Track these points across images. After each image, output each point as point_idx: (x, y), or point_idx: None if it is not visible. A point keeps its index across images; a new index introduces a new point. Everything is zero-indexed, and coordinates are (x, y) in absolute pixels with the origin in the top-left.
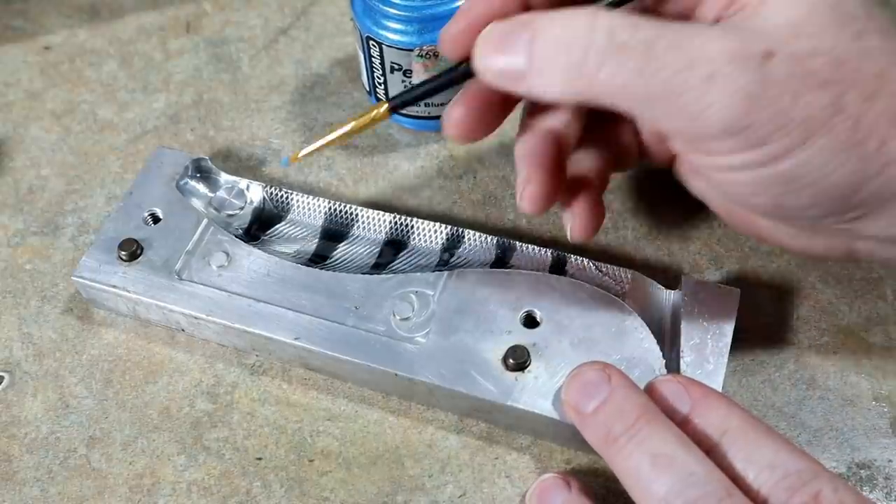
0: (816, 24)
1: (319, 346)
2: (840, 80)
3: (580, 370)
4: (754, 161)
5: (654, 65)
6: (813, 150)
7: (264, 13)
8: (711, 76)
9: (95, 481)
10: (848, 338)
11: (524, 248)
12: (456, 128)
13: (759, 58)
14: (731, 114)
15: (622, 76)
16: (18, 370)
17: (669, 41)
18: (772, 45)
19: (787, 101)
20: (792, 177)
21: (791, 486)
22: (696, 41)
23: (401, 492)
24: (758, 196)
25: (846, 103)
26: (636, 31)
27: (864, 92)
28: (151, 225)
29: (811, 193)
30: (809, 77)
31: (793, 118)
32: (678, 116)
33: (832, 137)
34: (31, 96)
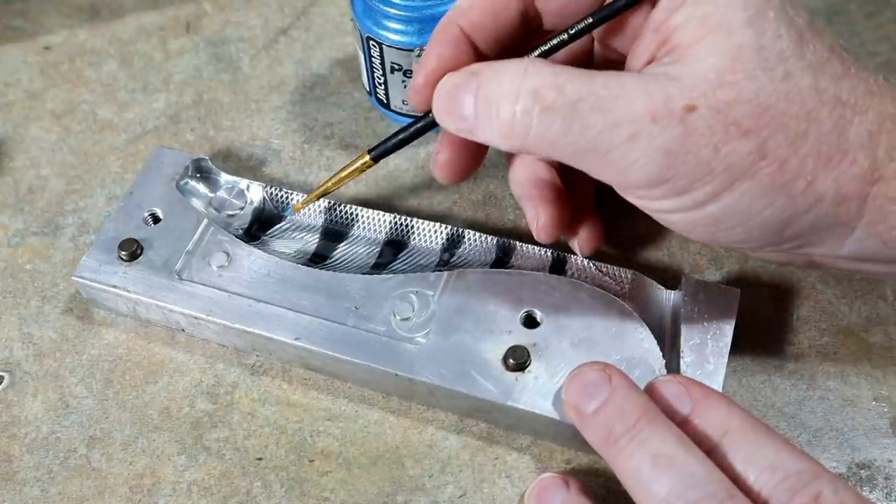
0: (741, 71)
1: (319, 347)
2: (764, 125)
3: (580, 370)
4: (681, 206)
5: (579, 126)
6: (737, 195)
7: (264, 13)
8: (634, 136)
9: (95, 481)
10: (848, 338)
11: (524, 248)
12: (443, 171)
13: (681, 113)
14: (653, 169)
15: (550, 136)
16: (18, 370)
17: (594, 102)
18: (694, 99)
19: (708, 152)
20: (720, 218)
21: (791, 488)
22: (619, 102)
23: (401, 492)
24: (693, 233)
25: (770, 148)
26: (561, 92)
27: (790, 135)
28: (151, 225)
29: (742, 231)
30: (732, 126)
31: (713, 168)
32: (607, 171)
33: (756, 181)
34: (31, 96)
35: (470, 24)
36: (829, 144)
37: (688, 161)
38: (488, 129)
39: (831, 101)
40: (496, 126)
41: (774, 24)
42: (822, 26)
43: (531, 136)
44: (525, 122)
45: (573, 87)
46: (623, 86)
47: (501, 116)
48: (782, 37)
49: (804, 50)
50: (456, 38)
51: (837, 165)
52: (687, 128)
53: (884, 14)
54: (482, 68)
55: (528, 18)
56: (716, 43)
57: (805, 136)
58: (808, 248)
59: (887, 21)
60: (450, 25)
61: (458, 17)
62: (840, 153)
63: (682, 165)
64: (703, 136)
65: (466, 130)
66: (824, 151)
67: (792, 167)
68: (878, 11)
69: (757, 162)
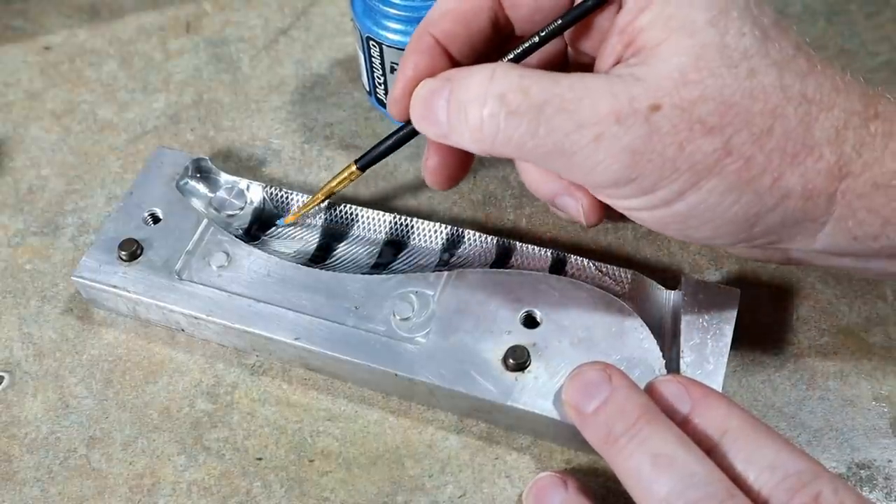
0: (704, 69)
1: (319, 347)
2: (728, 123)
3: (581, 370)
4: (649, 204)
5: (545, 129)
6: (703, 192)
7: (264, 13)
8: (599, 136)
9: (95, 481)
10: (848, 338)
11: (524, 248)
12: (433, 177)
13: (646, 112)
14: (619, 169)
15: (517, 139)
16: (18, 370)
17: (559, 104)
18: (658, 98)
19: (673, 151)
20: (688, 215)
21: (791, 488)
22: (584, 103)
23: (401, 492)
24: (664, 229)
25: (735, 145)
26: (526, 96)
27: (755, 131)
28: (151, 225)
29: (711, 227)
30: (696, 124)
31: (679, 166)
32: (575, 172)
33: (722, 178)
34: (31, 96)
35: (442, 32)
36: (795, 141)
37: (653, 160)
38: (459, 133)
39: (797, 98)
40: (466, 130)
41: (738, 23)
42: (787, 24)
43: (499, 140)
44: (492, 125)
45: (538, 90)
46: (588, 87)
47: (470, 120)
48: (746, 35)
49: (769, 48)
50: (430, 47)
51: (804, 161)
52: (651, 127)
53: (884, 14)
54: (454, 74)
55: (499, 26)
56: (679, 43)
57: (770, 132)
58: (781, 244)
59: (887, 21)
60: (423, 35)
61: (431, 26)
62: (806, 149)
63: (648, 164)
64: (668, 135)
65: (442, 135)
66: (790, 148)
67: (758, 163)
68: (878, 11)
69: (722, 159)
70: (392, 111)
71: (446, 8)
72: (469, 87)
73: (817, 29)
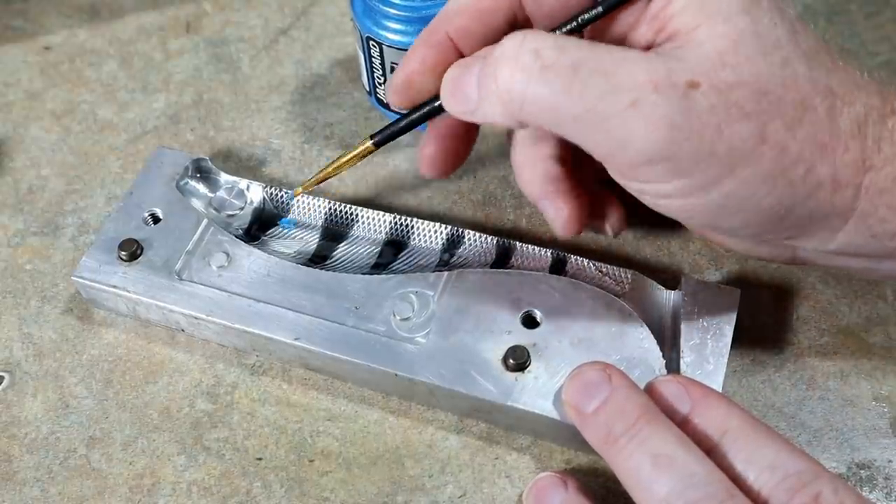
0: (742, 54)
1: (319, 347)
2: (763, 110)
3: (580, 370)
4: (682, 190)
5: (579, 87)
6: (739, 180)
7: (264, 13)
8: (635, 103)
9: (95, 481)
10: (848, 338)
11: (524, 248)
12: (430, 165)
13: (684, 87)
14: (655, 143)
15: (548, 97)
16: (18, 370)
17: (595, 65)
18: (697, 76)
19: (710, 132)
20: (722, 204)
21: (791, 488)
22: (621, 67)
23: (401, 492)
24: (692, 219)
25: (770, 133)
26: (562, 53)
27: (788, 121)
28: (151, 225)
29: (743, 217)
30: (733, 108)
31: (716, 150)
32: (605, 142)
33: (758, 167)
34: (31, 96)
35: (457, 30)
36: (824, 131)
37: (691, 139)
38: (488, 101)
39: (823, 90)
40: (495, 95)
41: (770, 13)
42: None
43: (528, 99)
44: (523, 81)
45: (575, 49)
46: (626, 55)
47: (500, 81)
48: (777, 25)
49: (798, 40)
50: (441, 43)
51: (833, 152)
52: (690, 103)
53: (884, 14)
54: (488, 50)
55: (516, 24)
56: (714, 28)
57: (801, 122)
58: (798, 241)
59: (887, 21)
60: (437, 30)
61: (446, 22)
62: (834, 139)
63: (685, 143)
64: (706, 114)
65: (469, 112)
66: (820, 138)
67: (791, 153)
68: (878, 11)
69: (758, 146)
70: (391, 98)
71: (464, 4)
72: (503, 49)
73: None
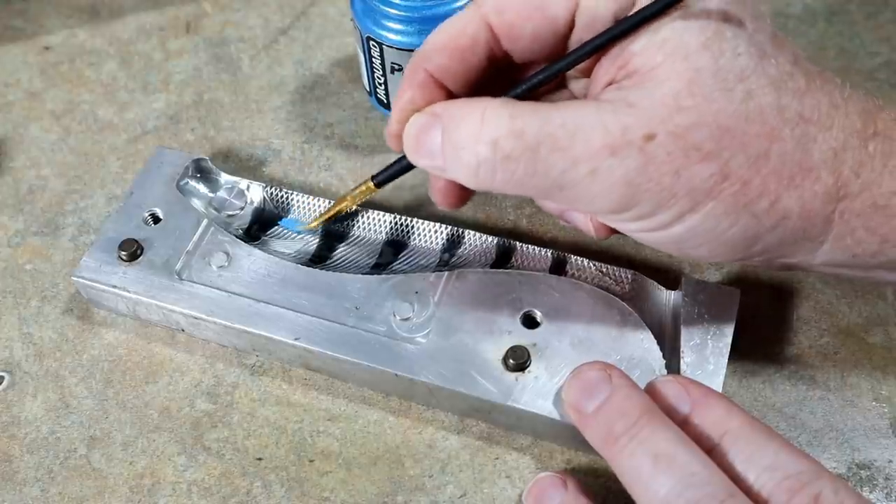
0: (699, 94)
1: (320, 347)
2: (724, 147)
3: (581, 370)
4: (648, 228)
5: (541, 168)
6: (700, 216)
7: (264, 13)
8: (594, 171)
9: (95, 481)
10: (848, 338)
11: (524, 248)
12: (441, 197)
13: (640, 143)
14: (616, 199)
15: (515, 180)
16: (19, 370)
17: (552, 144)
18: (653, 126)
19: (669, 178)
20: (686, 237)
21: (791, 488)
22: (577, 138)
23: (401, 492)
24: (664, 248)
25: (732, 169)
26: (520, 139)
27: (751, 155)
28: (151, 225)
29: (709, 248)
30: (692, 151)
31: (676, 192)
32: (573, 202)
33: (720, 202)
34: (31, 96)
35: (437, 68)
36: (793, 163)
37: (650, 189)
38: (457, 172)
39: (794, 119)
40: (462, 171)
41: (733, 44)
42: (785, 37)
43: (497, 181)
44: (488, 169)
45: (531, 132)
46: (580, 122)
47: (465, 163)
48: (741, 55)
49: (766, 66)
50: (425, 82)
51: (801, 184)
52: (646, 156)
53: (884, 14)
54: (443, 110)
55: (495, 58)
56: (673, 67)
57: (767, 155)
58: (780, 260)
59: (887, 21)
60: (418, 70)
61: (425, 61)
62: (803, 172)
63: (645, 193)
64: (664, 163)
65: (438, 168)
66: (787, 171)
67: (755, 187)
68: (878, 11)
69: (719, 183)
70: (390, 144)
71: (441, 43)
72: (461, 130)
73: (817, 29)
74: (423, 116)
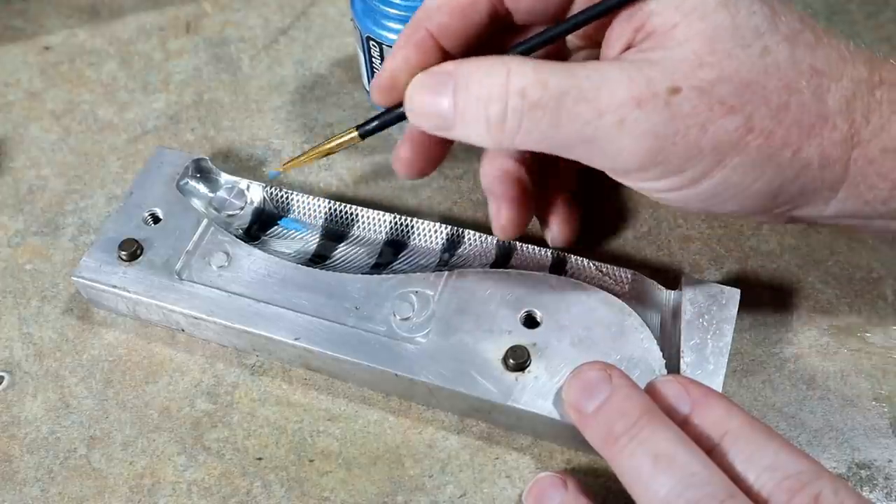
0: (720, 51)
1: (320, 347)
2: (747, 101)
3: (581, 370)
4: (675, 186)
5: (567, 118)
6: (728, 170)
7: (264, 13)
8: (621, 122)
9: (95, 481)
10: (848, 338)
11: (524, 248)
12: (404, 166)
13: (665, 95)
14: (644, 154)
15: (540, 131)
16: (19, 370)
17: (578, 94)
18: (677, 81)
19: (696, 132)
20: (714, 193)
21: (791, 488)
22: (603, 90)
23: (401, 492)
24: (690, 206)
25: (755, 122)
26: (545, 88)
27: (773, 107)
28: (151, 225)
29: (736, 202)
30: (717, 105)
31: (703, 147)
32: (598, 158)
33: (745, 155)
34: (31, 96)
35: (438, 26)
36: (810, 113)
37: (677, 143)
38: (473, 126)
39: (808, 71)
40: (482, 123)
41: (747, 2)
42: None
43: (521, 133)
44: (515, 119)
45: (556, 82)
46: (604, 75)
47: (492, 117)
48: (756, 13)
49: (778, 23)
50: (423, 41)
51: (820, 132)
52: (672, 110)
53: (884, 14)
54: (457, 68)
55: (497, 17)
56: (692, 26)
57: (787, 107)
58: (794, 211)
59: (887, 21)
60: (418, 28)
61: (426, 19)
62: (821, 120)
63: (672, 147)
64: (690, 117)
65: (443, 129)
66: (806, 120)
67: (778, 138)
68: (878, 11)
69: (744, 136)
70: (376, 98)
71: (444, 0)
72: (485, 84)
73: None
74: (432, 76)
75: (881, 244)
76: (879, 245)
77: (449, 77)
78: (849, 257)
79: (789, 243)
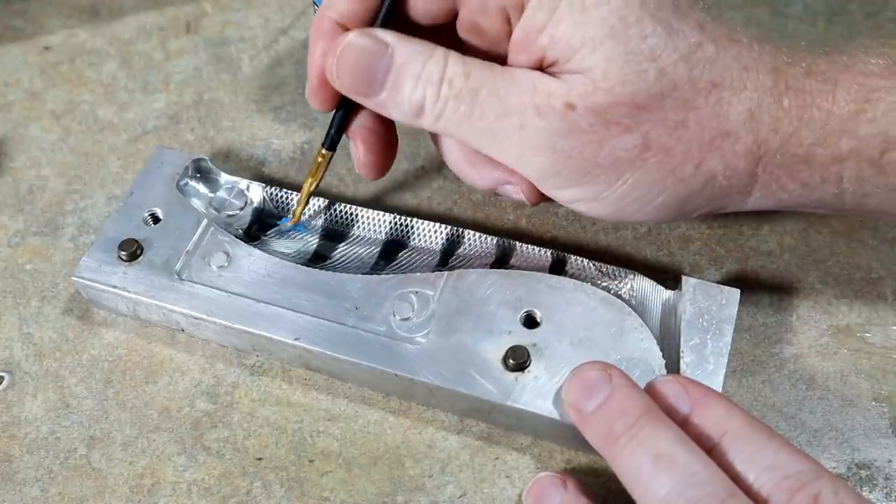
0: (614, 79)
1: (319, 347)
2: (643, 121)
3: (581, 369)
4: (579, 197)
5: (478, 112)
6: (629, 185)
7: (264, 13)
8: (522, 126)
9: (95, 481)
10: (848, 338)
11: (524, 248)
12: (364, 168)
13: (562, 110)
14: (543, 161)
15: (456, 119)
16: (19, 370)
17: (491, 89)
18: (573, 98)
19: (592, 148)
20: (620, 206)
21: (791, 488)
22: (510, 90)
23: (401, 492)
24: (604, 217)
25: (652, 140)
26: (467, 79)
27: (670, 126)
28: (151, 225)
29: (644, 213)
30: (612, 125)
31: (600, 163)
32: (507, 157)
33: (645, 171)
34: (31, 96)
35: (340, 14)
36: (710, 128)
37: (573, 157)
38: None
39: (707, 88)
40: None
41: (638, 27)
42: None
43: (442, 119)
44: (441, 105)
45: (478, 75)
46: (516, 78)
47: (421, 98)
48: (649, 36)
49: (676, 42)
50: (332, 30)
51: (721, 146)
52: (569, 124)
53: (884, 14)
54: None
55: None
56: (584, 59)
57: (685, 124)
58: (713, 211)
59: (887, 21)
60: (323, 20)
61: (328, 9)
62: (722, 135)
63: (569, 160)
64: (586, 133)
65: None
66: (706, 136)
67: (678, 153)
68: (878, 11)
69: (642, 153)
70: (316, 105)
71: None
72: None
73: (817, 29)
74: (366, 38)
75: (881, 244)
76: (879, 245)
77: (386, 48)
78: (849, 257)
79: (789, 243)
